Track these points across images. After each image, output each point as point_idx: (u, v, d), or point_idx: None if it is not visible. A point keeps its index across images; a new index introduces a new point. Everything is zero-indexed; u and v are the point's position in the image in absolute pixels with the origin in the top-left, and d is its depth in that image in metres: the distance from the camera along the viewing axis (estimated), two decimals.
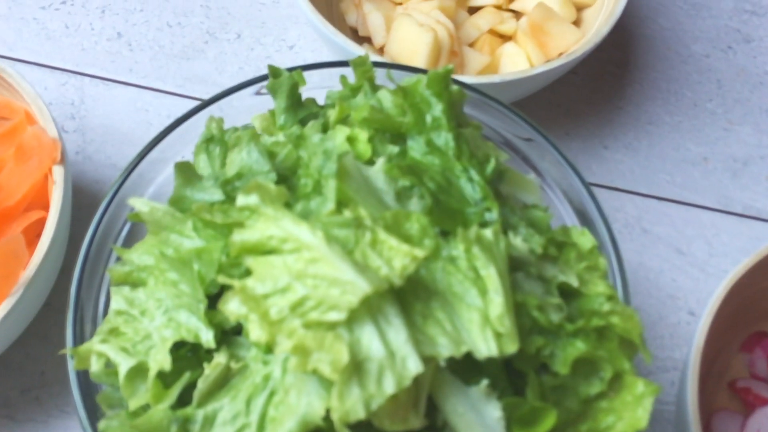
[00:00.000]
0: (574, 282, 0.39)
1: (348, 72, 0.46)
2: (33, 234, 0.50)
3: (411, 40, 0.56)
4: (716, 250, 0.58)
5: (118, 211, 0.44)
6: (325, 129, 0.44)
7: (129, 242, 0.46)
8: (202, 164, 0.43)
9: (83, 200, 0.59)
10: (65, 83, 0.64)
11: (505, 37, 0.62)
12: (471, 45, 0.61)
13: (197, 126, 0.47)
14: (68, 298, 0.41)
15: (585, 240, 0.42)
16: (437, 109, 0.41)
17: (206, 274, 0.36)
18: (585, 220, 0.47)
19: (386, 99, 0.43)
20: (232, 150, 0.39)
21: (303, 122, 0.45)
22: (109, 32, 0.67)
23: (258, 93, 0.49)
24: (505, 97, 0.56)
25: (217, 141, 0.43)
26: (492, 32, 0.61)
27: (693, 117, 0.64)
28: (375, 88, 0.44)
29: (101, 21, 0.67)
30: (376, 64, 0.47)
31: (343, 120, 0.44)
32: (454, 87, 0.44)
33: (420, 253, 0.33)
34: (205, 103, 0.48)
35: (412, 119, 0.41)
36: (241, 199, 0.34)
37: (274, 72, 0.45)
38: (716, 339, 0.47)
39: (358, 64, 0.46)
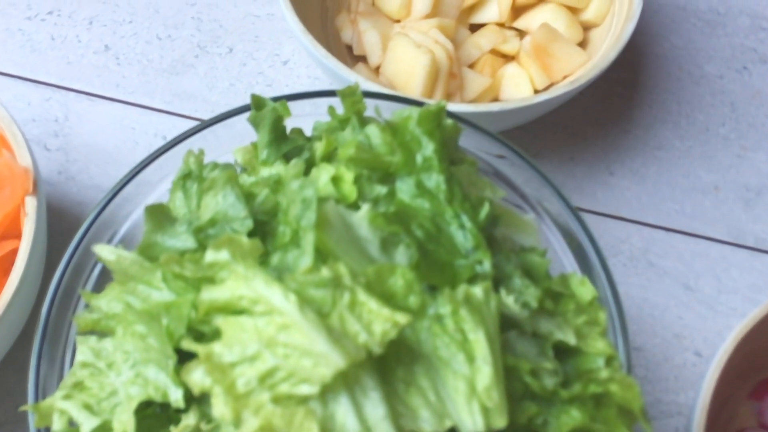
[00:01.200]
0: (571, 340, 0.36)
1: (337, 101, 0.44)
2: (8, 263, 0.47)
3: (407, 61, 0.53)
4: (726, 286, 0.55)
5: (97, 239, 0.42)
6: (310, 164, 0.42)
7: (106, 277, 0.44)
8: (178, 202, 0.40)
9: (64, 224, 0.57)
10: (49, 98, 0.62)
11: (507, 57, 0.59)
12: (471, 65, 0.58)
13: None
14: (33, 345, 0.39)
15: (584, 291, 0.39)
16: (428, 148, 0.38)
17: (175, 330, 0.34)
18: (583, 261, 0.44)
19: (375, 135, 0.40)
20: (207, 193, 0.37)
21: (288, 156, 0.42)
22: (96, 45, 0.64)
23: None
24: (505, 123, 0.53)
25: (194, 177, 0.41)
26: (494, 52, 0.58)
27: (704, 142, 0.61)
28: (364, 122, 0.42)
29: (88, 33, 0.65)
30: (366, 95, 0.44)
31: (330, 154, 0.42)
32: (449, 121, 0.41)
33: (402, 319, 0.30)
34: (201, 126, 0.45)
35: (402, 159, 0.38)
36: (211, 255, 0.32)
37: (256, 103, 0.43)
38: (724, 387, 0.44)
39: (347, 94, 0.43)
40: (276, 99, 0.44)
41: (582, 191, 0.59)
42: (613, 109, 0.62)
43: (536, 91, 0.57)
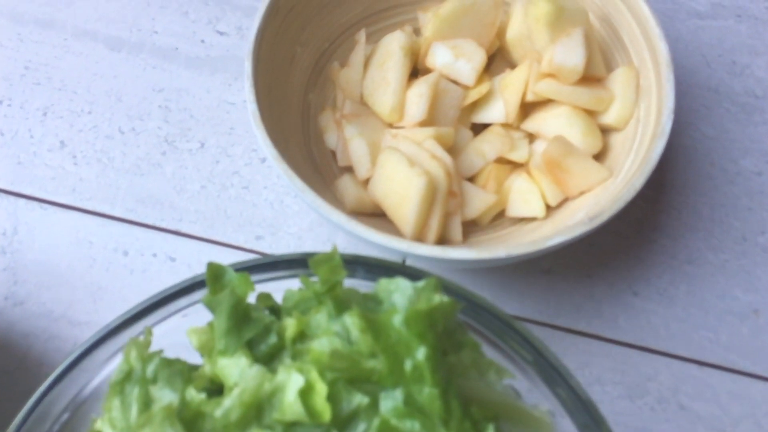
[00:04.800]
0: None
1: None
2: None
3: (400, 182, 0.46)
4: None
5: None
6: (278, 348, 0.35)
7: None
8: (114, 413, 0.33)
9: (10, 362, 0.50)
10: None
11: (515, 163, 0.51)
12: (473, 177, 0.50)
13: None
14: None
15: None
16: (419, 353, 0.31)
17: None
18: None
19: (354, 328, 0.33)
20: (143, 428, 0.30)
21: (251, 344, 0.35)
22: (50, 140, 0.57)
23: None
24: (513, 260, 0.46)
25: (135, 380, 0.33)
26: (500, 160, 0.50)
27: (741, 254, 0.53)
28: (341, 304, 0.34)
29: (42, 126, 0.58)
30: (347, 262, 0.37)
31: (302, 334, 0.34)
32: (445, 299, 0.34)
33: None
34: (149, 306, 0.38)
35: (386, 367, 0.31)
36: None
37: (213, 273, 0.35)
38: None
39: (321, 262, 0.36)
40: (239, 269, 0.37)
41: (601, 316, 0.51)
42: (636, 215, 0.55)
43: (548, 207, 0.49)
